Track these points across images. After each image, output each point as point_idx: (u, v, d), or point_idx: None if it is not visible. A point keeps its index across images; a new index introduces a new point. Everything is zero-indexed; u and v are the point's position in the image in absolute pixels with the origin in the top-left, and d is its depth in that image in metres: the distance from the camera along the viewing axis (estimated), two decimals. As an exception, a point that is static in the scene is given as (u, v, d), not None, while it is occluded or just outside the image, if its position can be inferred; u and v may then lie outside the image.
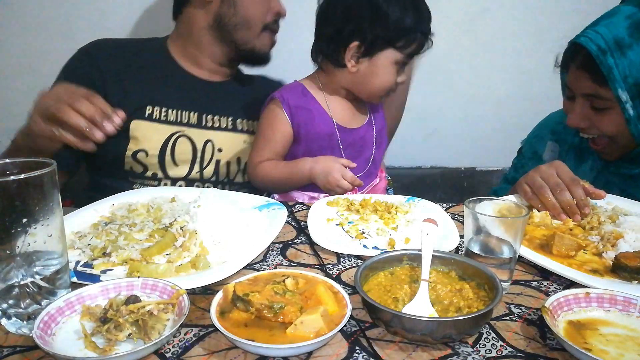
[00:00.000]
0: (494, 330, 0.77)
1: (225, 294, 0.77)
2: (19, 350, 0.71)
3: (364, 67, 1.35)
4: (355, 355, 0.71)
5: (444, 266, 0.87)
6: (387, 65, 1.34)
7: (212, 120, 1.57)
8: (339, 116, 1.43)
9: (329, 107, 1.42)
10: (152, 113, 1.49)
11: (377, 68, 1.34)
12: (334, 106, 1.43)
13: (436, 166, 2.29)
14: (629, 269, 0.91)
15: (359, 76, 1.37)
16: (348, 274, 0.94)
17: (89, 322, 0.74)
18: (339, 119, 1.43)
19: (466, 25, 2.13)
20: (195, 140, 1.54)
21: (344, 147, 1.43)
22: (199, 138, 1.54)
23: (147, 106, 1.49)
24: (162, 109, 1.50)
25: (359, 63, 1.35)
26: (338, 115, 1.43)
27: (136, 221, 1.08)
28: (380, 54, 1.32)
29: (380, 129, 1.53)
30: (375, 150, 1.50)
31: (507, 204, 0.93)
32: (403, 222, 1.15)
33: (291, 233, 1.12)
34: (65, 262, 0.78)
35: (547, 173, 1.18)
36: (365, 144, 1.48)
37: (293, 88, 1.44)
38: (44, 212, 0.72)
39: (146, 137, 1.48)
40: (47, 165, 0.73)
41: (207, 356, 0.70)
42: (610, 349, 0.71)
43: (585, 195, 1.16)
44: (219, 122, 1.58)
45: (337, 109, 1.43)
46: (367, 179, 1.48)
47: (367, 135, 1.48)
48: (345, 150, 1.43)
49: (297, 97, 1.41)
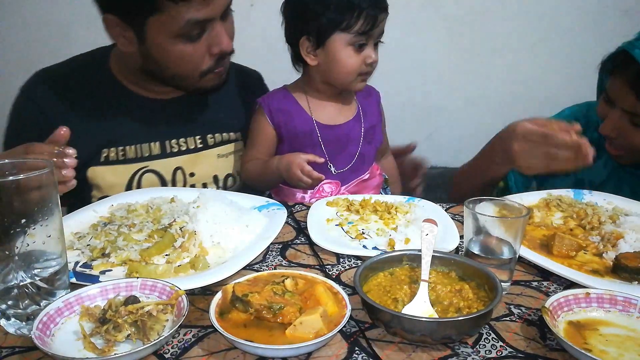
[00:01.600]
0: (493, 331, 0.77)
1: (224, 295, 0.77)
2: (18, 351, 0.71)
3: (321, 58, 1.37)
4: (355, 355, 0.71)
5: (443, 267, 0.87)
6: (341, 50, 1.34)
7: (178, 144, 1.43)
8: (319, 114, 1.46)
9: (309, 106, 1.46)
10: (108, 156, 1.35)
11: (333, 54, 1.35)
12: (315, 105, 1.46)
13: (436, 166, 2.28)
14: (629, 269, 0.91)
15: (322, 68, 1.39)
16: (348, 274, 0.94)
17: (88, 322, 0.74)
18: (320, 116, 1.46)
19: (466, 25, 2.13)
20: (163, 172, 1.41)
21: (325, 143, 1.45)
22: (166, 169, 1.41)
23: (102, 150, 1.35)
24: (119, 148, 1.36)
25: (317, 56, 1.37)
26: (319, 114, 1.46)
27: (135, 222, 1.08)
28: (330, 40, 1.34)
29: (372, 125, 1.53)
30: (363, 146, 1.50)
31: (507, 204, 0.93)
32: (403, 222, 1.15)
33: (291, 233, 1.12)
34: (64, 262, 0.78)
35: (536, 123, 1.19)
36: (350, 140, 1.48)
37: (275, 92, 1.51)
38: (42, 213, 0.72)
39: (107, 182, 1.36)
40: (46, 166, 0.73)
41: (206, 357, 0.70)
42: (611, 349, 0.71)
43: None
44: (186, 145, 1.44)
45: (318, 108, 1.46)
46: (352, 174, 1.50)
47: (352, 131, 1.48)
48: (326, 146, 1.46)
49: (278, 100, 1.46)
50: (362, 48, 1.34)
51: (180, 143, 1.44)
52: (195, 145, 1.45)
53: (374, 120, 1.54)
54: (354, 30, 1.31)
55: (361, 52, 1.34)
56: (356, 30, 1.31)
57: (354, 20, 1.29)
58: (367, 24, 1.30)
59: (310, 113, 1.45)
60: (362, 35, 1.31)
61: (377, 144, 1.56)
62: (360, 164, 1.51)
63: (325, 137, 1.45)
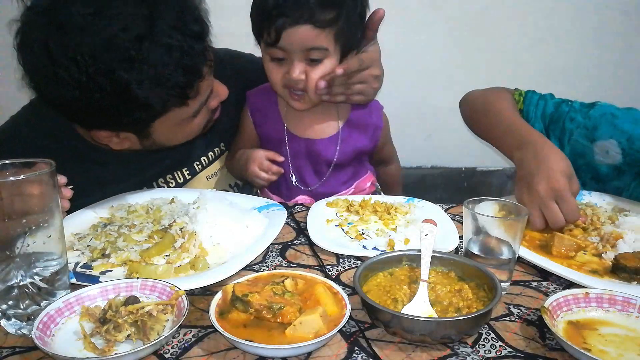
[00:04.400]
0: (493, 331, 0.77)
1: (224, 295, 0.77)
2: (18, 351, 0.71)
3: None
4: (355, 355, 0.71)
5: (443, 267, 0.87)
6: (266, 60, 1.26)
7: (166, 182, 1.36)
8: (293, 123, 1.38)
9: (286, 112, 1.38)
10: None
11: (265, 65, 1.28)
12: (292, 112, 1.37)
13: (436, 166, 2.29)
14: (628, 269, 0.91)
15: None
16: (347, 274, 0.94)
17: (88, 323, 0.74)
18: (293, 125, 1.37)
19: (466, 24, 2.13)
20: None
21: (292, 155, 1.38)
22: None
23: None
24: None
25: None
26: (292, 122, 1.38)
27: (135, 222, 1.09)
28: (263, 50, 1.27)
29: (355, 150, 1.39)
30: (337, 168, 1.39)
31: (506, 205, 0.93)
32: (402, 222, 1.15)
33: (290, 234, 1.12)
34: (65, 263, 0.78)
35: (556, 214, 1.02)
36: (321, 160, 1.38)
37: (263, 88, 1.41)
38: (43, 213, 0.72)
39: None
40: (46, 166, 0.73)
41: (206, 357, 0.70)
42: (610, 349, 0.71)
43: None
44: (174, 181, 1.37)
45: (294, 116, 1.37)
46: (328, 191, 1.39)
47: (324, 151, 1.37)
48: (292, 159, 1.38)
49: (261, 98, 1.40)
50: (281, 62, 1.23)
51: (169, 180, 1.37)
52: (184, 179, 1.39)
53: (360, 145, 1.40)
54: (265, 42, 1.22)
55: (281, 67, 1.24)
56: (266, 42, 1.21)
57: (264, 31, 1.19)
58: (270, 36, 1.18)
59: (284, 119, 1.38)
60: (273, 47, 1.20)
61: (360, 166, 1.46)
62: (335, 183, 1.42)
63: (293, 149, 1.37)
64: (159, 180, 1.35)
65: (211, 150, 1.44)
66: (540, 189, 1.02)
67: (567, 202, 1.02)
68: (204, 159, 1.42)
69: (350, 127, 1.39)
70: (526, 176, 1.07)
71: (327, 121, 1.38)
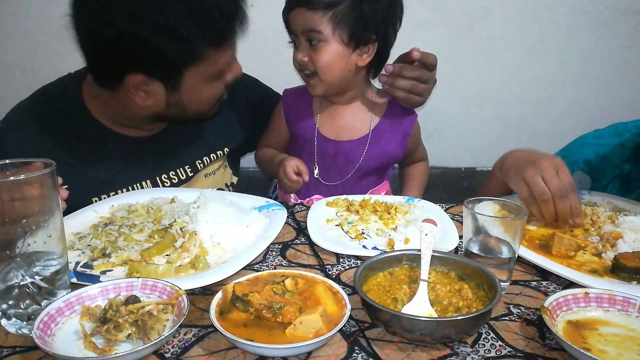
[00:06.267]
0: (493, 330, 0.77)
1: (224, 295, 0.77)
2: (18, 351, 0.71)
3: None
4: (355, 355, 0.71)
5: (443, 266, 0.87)
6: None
7: (169, 178, 1.38)
8: (325, 125, 1.42)
9: (320, 113, 1.43)
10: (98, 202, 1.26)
11: None
12: (324, 114, 1.43)
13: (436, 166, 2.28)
14: (628, 269, 0.91)
15: None
16: (347, 274, 0.94)
17: (88, 322, 0.74)
18: (324, 127, 1.42)
19: (467, 24, 2.13)
20: None
21: (319, 156, 1.42)
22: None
23: (92, 197, 1.27)
24: (111, 194, 1.29)
25: None
26: (324, 124, 1.42)
27: (136, 222, 1.09)
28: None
29: (384, 154, 1.42)
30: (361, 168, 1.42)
31: (506, 204, 0.93)
32: (402, 222, 1.15)
33: (291, 234, 1.12)
34: (65, 262, 0.78)
35: (549, 174, 1.06)
36: (349, 160, 1.41)
37: (299, 87, 1.47)
38: (43, 213, 0.72)
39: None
40: (46, 166, 0.73)
41: (206, 356, 0.70)
42: (610, 348, 0.71)
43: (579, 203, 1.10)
44: (177, 177, 1.39)
45: (326, 117, 1.42)
46: (341, 187, 1.44)
47: (353, 151, 1.41)
48: (319, 159, 1.42)
49: (296, 96, 1.45)
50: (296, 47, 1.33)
51: (172, 176, 1.39)
52: (186, 175, 1.41)
53: (390, 149, 1.43)
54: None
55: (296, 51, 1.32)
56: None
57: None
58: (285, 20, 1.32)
59: (316, 120, 1.42)
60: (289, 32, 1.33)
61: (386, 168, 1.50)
62: (351, 185, 1.44)
63: (321, 148, 1.42)
64: (162, 175, 1.38)
65: (214, 152, 1.48)
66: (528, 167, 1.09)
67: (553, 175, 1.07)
68: (206, 158, 1.46)
69: (381, 130, 1.42)
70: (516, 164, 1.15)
71: (358, 123, 1.42)
